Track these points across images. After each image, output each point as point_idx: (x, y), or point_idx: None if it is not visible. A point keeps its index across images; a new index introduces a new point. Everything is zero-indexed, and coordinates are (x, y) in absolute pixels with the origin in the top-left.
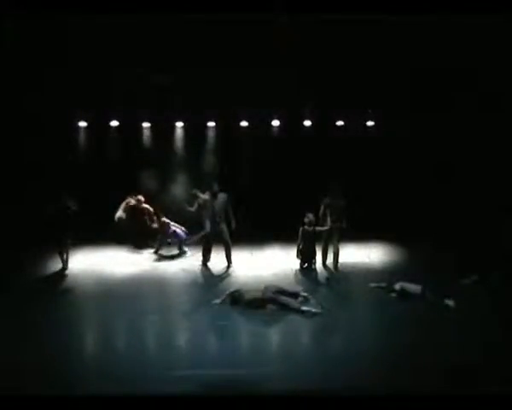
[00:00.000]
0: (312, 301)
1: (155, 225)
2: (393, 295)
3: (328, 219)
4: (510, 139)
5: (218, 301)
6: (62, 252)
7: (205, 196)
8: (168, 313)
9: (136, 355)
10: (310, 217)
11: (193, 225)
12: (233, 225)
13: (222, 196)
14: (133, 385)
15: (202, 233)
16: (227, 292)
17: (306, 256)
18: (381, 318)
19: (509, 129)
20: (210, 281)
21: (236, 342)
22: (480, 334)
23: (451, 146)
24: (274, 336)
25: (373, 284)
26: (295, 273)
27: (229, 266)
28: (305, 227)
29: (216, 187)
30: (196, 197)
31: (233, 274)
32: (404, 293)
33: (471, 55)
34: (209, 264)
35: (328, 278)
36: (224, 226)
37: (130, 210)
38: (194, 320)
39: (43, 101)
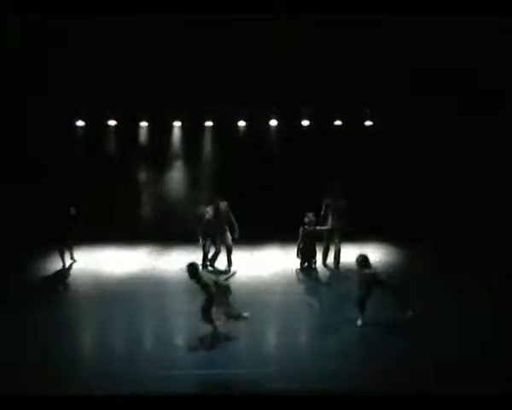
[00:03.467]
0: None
1: None
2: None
3: (330, 218)
4: (510, 139)
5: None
6: (63, 252)
7: (208, 215)
8: (168, 312)
9: (136, 355)
10: (310, 217)
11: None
12: (236, 235)
13: (223, 206)
14: (133, 385)
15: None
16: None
17: (306, 256)
18: (381, 317)
19: (509, 129)
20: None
21: (236, 342)
22: (479, 334)
23: (451, 146)
24: (274, 336)
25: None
26: (296, 273)
27: (229, 268)
28: (306, 227)
29: (218, 201)
30: (203, 216)
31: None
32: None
33: (471, 55)
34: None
35: (328, 278)
36: (227, 232)
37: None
38: (193, 320)
39: (42, 100)
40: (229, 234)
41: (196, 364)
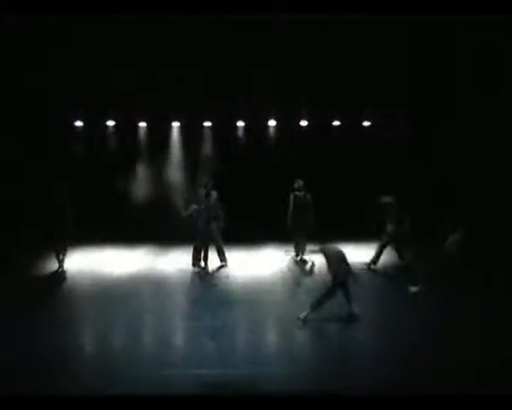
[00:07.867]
0: None
1: None
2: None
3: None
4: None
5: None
6: (58, 252)
7: (195, 205)
8: (166, 312)
9: (136, 355)
10: (300, 183)
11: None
12: (221, 224)
13: (214, 195)
14: (132, 385)
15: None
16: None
17: (299, 225)
18: (382, 317)
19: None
20: (208, 281)
21: (236, 341)
22: (479, 333)
23: (452, 147)
24: (274, 335)
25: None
26: (295, 273)
27: (223, 266)
28: (296, 193)
29: (210, 185)
30: (189, 203)
31: (230, 274)
32: None
33: (471, 55)
34: (208, 263)
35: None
36: (214, 226)
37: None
38: (192, 320)
39: (41, 101)
40: (216, 228)
41: (196, 364)
